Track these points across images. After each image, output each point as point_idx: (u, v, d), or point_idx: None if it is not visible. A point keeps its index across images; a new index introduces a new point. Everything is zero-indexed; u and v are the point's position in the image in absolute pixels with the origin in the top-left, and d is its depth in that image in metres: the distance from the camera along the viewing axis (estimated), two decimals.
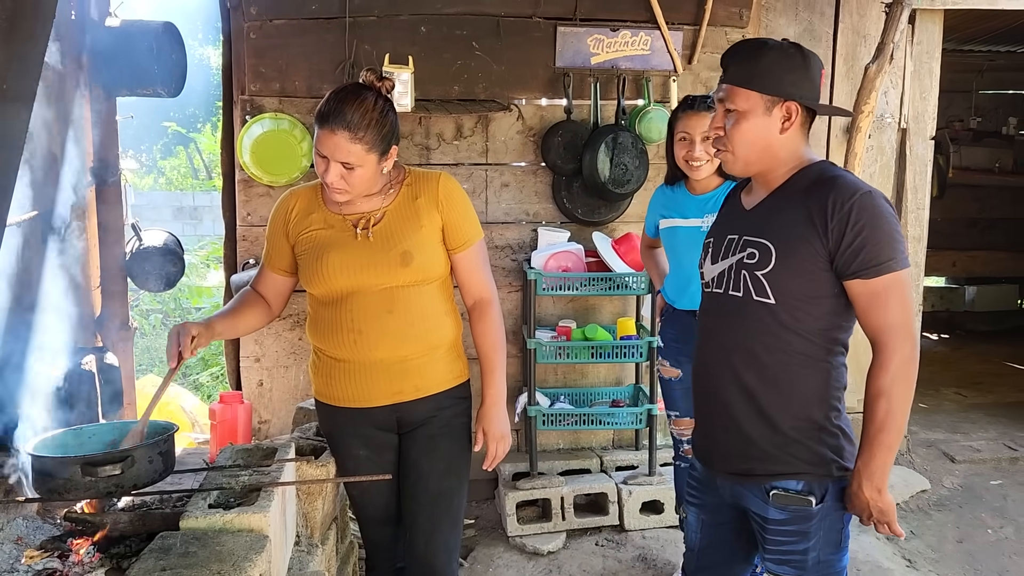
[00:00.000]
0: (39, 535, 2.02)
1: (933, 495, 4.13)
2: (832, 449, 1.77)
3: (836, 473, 1.77)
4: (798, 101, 1.74)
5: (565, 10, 3.80)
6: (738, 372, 1.81)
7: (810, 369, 1.76)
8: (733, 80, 1.77)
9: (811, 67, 1.76)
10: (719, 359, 1.86)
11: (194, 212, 11.51)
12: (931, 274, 7.73)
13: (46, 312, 2.60)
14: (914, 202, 4.41)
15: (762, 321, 1.76)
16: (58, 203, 2.82)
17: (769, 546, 1.82)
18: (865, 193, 1.68)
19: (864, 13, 4.18)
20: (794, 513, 1.77)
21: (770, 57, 1.74)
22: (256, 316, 2.21)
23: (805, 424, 1.77)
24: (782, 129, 1.76)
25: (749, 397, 1.79)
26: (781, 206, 1.78)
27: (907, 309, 1.68)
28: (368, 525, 2.32)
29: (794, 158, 1.79)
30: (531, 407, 3.66)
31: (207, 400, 5.73)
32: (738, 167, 1.82)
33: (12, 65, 1.91)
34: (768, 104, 1.74)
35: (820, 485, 1.77)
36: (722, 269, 1.85)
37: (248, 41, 3.61)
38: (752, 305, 1.77)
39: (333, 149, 1.95)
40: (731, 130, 1.77)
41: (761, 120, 1.75)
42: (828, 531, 1.78)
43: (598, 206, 3.94)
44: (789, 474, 1.77)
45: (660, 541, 3.57)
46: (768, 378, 1.77)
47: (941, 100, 4.53)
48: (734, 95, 1.76)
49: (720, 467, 1.90)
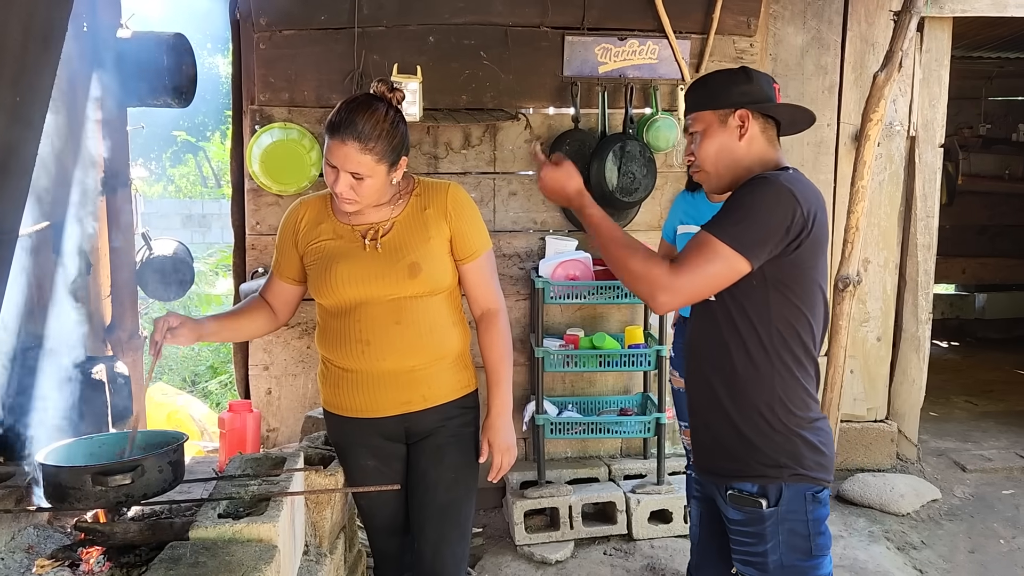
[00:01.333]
0: (50, 544, 2.03)
1: (944, 505, 4.11)
2: (787, 454, 1.80)
3: (789, 478, 1.80)
4: (747, 107, 1.84)
5: (573, 19, 3.81)
6: (704, 373, 1.90)
7: (764, 373, 1.80)
8: (689, 109, 1.93)
9: (756, 79, 1.88)
10: (692, 360, 1.97)
11: (203, 220, 11.55)
12: (941, 281, 7.70)
13: (57, 321, 2.61)
14: (923, 210, 4.40)
15: (712, 320, 1.85)
16: (69, 214, 2.84)
17: (734, 546, 1.89)
18: (760, 178, 1.77)
19: (872, 21, 4.18)
20: (748, 515, 1.82)
21: (716, 79, 1.92)
22: (258, 322, 2.21)
23: (759, 426, 1.81)
24: (740, 136, 1.85)
25: (712, 397, 1.88)
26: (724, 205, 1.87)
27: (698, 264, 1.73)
28: (376, 535, 2.32)
29: (761, 165, 1.86)
30: (539, 416, 3.66)
31: (216, 408, 5.75)
32: (712, 183, 1.92)
33: (24, 78, 1.92)
34: (721, 117, 1.86)
35: (773, 488, 1.80)
36: None
37: (258, 51, 3.63)
38: (706, 305, 1.86)
39: (343, 159, 1.95)
40: (697, 151, 1.90)
41: (719, 134, 1.86)
42: (789, 535, 1.80)
43: None
44: (745, 476, 1.83)
45: (669, 550, 3.56)
46: (728, 379, 1.84)
47: (950, 107, 4.53)
48: (694, 120, 1.91)
49: (698, 464, 2.00)
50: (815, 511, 1.82)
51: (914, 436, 4.54)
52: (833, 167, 4.22)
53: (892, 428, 4.47)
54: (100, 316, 3.45)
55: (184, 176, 13.42)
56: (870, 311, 4.40)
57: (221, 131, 12.34)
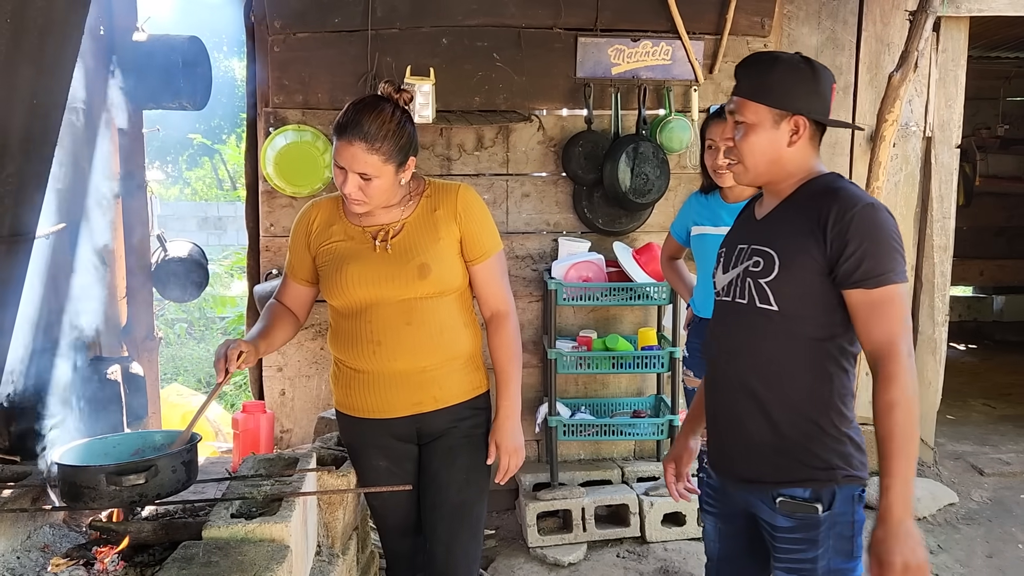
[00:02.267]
0: (65, 543, 2.05)
1: (961, 509, 4.07)
2: (839, 455, 1.77)
3: (842, 479, 1.76)
4: (806, 116, 1.76)
5: (586, 21, 3.81)
6: (745, 379, 1.82)
7: (814, 376, 1.76)
8: (743, 92, 1.79)
9: (821, 81, 1.77)
10: (727, 367, 1.88)
11: (218, 222, 11.63)
12: (958, 284, 7.64)
13: (73, 322, 2.64)
14: (940, 211, 4.37)
15: (766, 328, 1.78)
16: (86, 215, 2.87)
17: (779, 554, 1.82)
18: (867, 205, 1.69)
19: (888, 21, 4.15)
20: (801, 521, 1.77)
21: (780, 71, 1.76)
22: (287, 329, 2.22)
23: (811, 430, 1.77)
24: (790, 142, 1.77)
25: (756, 404, 1.81)
26: (786, 216, 1.80)
27: (905, 322, 1.67)
28: (388, 535, 2.32)
29: (803, 170, 1.81)
30: (552, 417, 3.65)
31: (230, 409, 5.78)
32: (747, 178, 1.84)
33: (42, 80, 1.95)
34: (776, 118, 1.76)
35: (827, 492, 1.76)
36: (731, 278, 1.88)
37: (272, 54, 3.65)
38: (756, 312, 1.79)
39: (350, 160, 1.96)
40: (739, 142, 1.80)
41: (769, 133, 1.77)
42: (838, 539, 1.77)
43: (619, 216, 3.93)
44: (795, 481, 1.77)
45: (682, 553, 3.54)
46: (773, 385, 1.79)
47: (967, 107, 4.49)
48: (743, 107, 1.78)
49: (730, 475, 1.91)
50: (859, 511, 1.79)
51: (931, 439, 4.50)
52: (848, 168, 4.19)
53: None
54: (116, 317, 3.48)
55: (200, 179, 13.52)
56: None
57: (237, 134, 12.41)
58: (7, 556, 1.90)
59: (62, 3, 1.93)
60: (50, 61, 1.96)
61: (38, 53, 1.89)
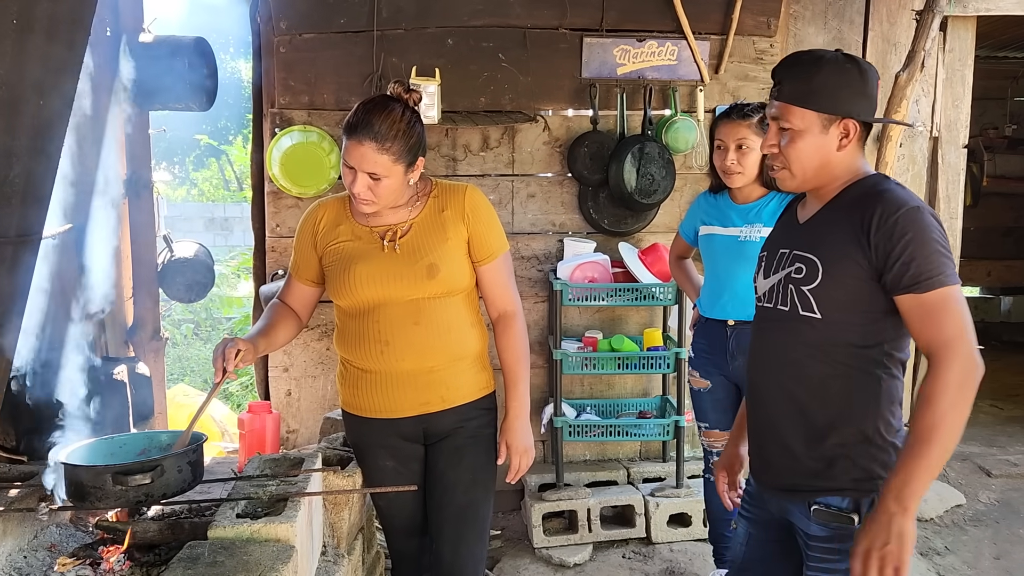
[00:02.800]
0: (71, 543, 2.05)
1: (969, 510, 4.05)
2: (882, 465, 1.71)
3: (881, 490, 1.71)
4: (856, 118, 1.70)
5: (591, 21, 3.81)
6: (786, 387, 1.78)
7: (859, 384, 1.71)
8: (787, 98, 1.72)
9: (868, 81, 1.71)
10: (768, 373, 1.84)
11: (225, 223, 11.65)
12: (965, 284, 7.47)
13: (79, 323, 2.64)
14: (947, 211, 4.35)
15: (809, 336, 1.73)
16: (92, 216, 2.88)
17: (812, 563, 1.78)
18: (911, 208, 1.63)
19: (894, 21, 4.14)
20: (836, 531, 1.72)
21: (826, 73, 1.69)
22: (289, 329, 2.22)
23: (854, 439, 1.72)
24: (840, 146, 1.71)
25: (797, 411, 1.77)
26: (829, 220, 1.75)
27: (961, 322, 1.61)
28: (394, 536, 2.33)
29: (849, 172, 1.76)
30: (557, 418, 3.65)
31: (236, 409, 5.78)
32: (794, 184, 1.78)
33: (48, 81, 1.95)
34: (825, 122, 1.70)
35: (866, 502, 1.71)
36: (772, 283, 1.83)
37: (278, 55, 3.66)
38: (799, 320, 1.74)
39: (360, 160, 1.96)
40: (786, 149, 1.73)
41: (818, 139, 1.70)
42: None
43: (624, 216, 3.93)
44: (834, 490, 1.73)
45: (688, 554, 3.53)
46: (816, 393, 1.74)
47: (975, 107, 4.47)
48: (789, 114, 1.71)
49: (769, 482, 1.87)
50: None
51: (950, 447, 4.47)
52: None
53: None
54: (122, 317, 3.49)
55: (207, 180, 13.55)
56: None
57: (243, 135, 12.44)
58: (14, 555, 1.91)
59: (68, 4, 1.94)
60: (56, 62, 1.96)
61: (44, 54, 1.89)
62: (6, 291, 2.04)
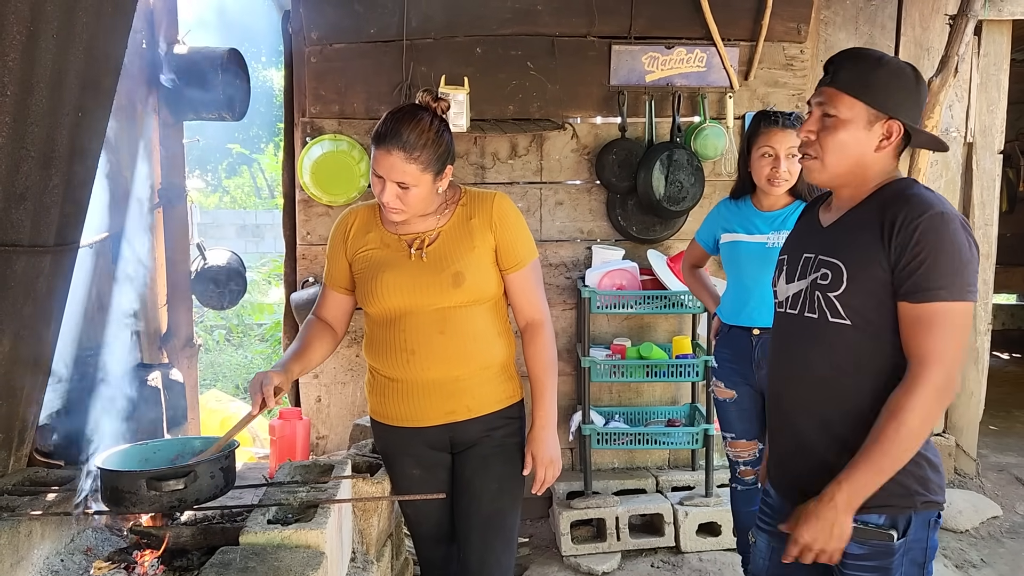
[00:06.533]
0: (107, 547, 2.09)
1: (1005, 522, 3.98)
2: (917, 480, 1.68)
3: (920, 506, 1.68)
4: (902, 121, 1.68)
5: (620, 29, 3.81)
6: (816, 397, 1.74)
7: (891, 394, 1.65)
8: (842, 85, 1.69)
9: (921, 90, 1.70)
10: (794, 383, 1.80)
11: (256, 230, 11.78)
12: (1001, 291, 7.47)
13: (115, 329, 2.69)
14: (982, 218, 4.29)
15: (839, 344, 1.69)
16: (128, 224, 2.93)
17: None
18: (936, 213, 1.59)
19: (927, 26, 4.09)
20: (874, 548, 1.68)
21: (886, 71, 1.68)
22: (324, 346, 2.20)
23: None
24: (878, 147, 1.69)
25: (828, 423, 1.72)
26: (855, 224, 1.72)
27: (948, 341, 1.57)
28: (422, 543, 2.33)
29: (880, 177, 1.73)
30: (585, 426, 3.64)
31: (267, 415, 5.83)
32: (824, 176, 1.75)
33: (87, 92, 1.99)
34: (872, 118, 1.68)
35: (903, 518, 1.68)
36: (798, 290, 1.79)
37: (309, 65, 3.70)
38: (829, 327, 1.70)
39: (389, 169, 1.97)
40: (824, 136, 1.71)
41: (860, 132, 1.69)
42: (910, 566, 1.69)
43: (653, 224, 3.92)
44: (871, 507, 1.67)
45: (717, 564, 3.51)
46: (849, 404, 1.70)
47: (1010, 112, 4.41)
48: (838, 101, 1.69)
49: (795, 495, 1.81)
50: (933, 537, 1.71)
51: (973, 450, 4.40)
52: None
53: (950, 442, 4.35)
54: (156, 324, 3.54)
55: (239, 187, 13.72)
56: None
57: (274, 143, 12.59)
58: (51, 559, 1.95)
59: (106, 17, 1.98)
60: (94, 74, 2.01)
61: (83, 66, 1.94)
62: (45, 298, 2.09)
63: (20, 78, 1.79)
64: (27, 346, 2.07)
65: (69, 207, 2.08)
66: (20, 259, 1.94)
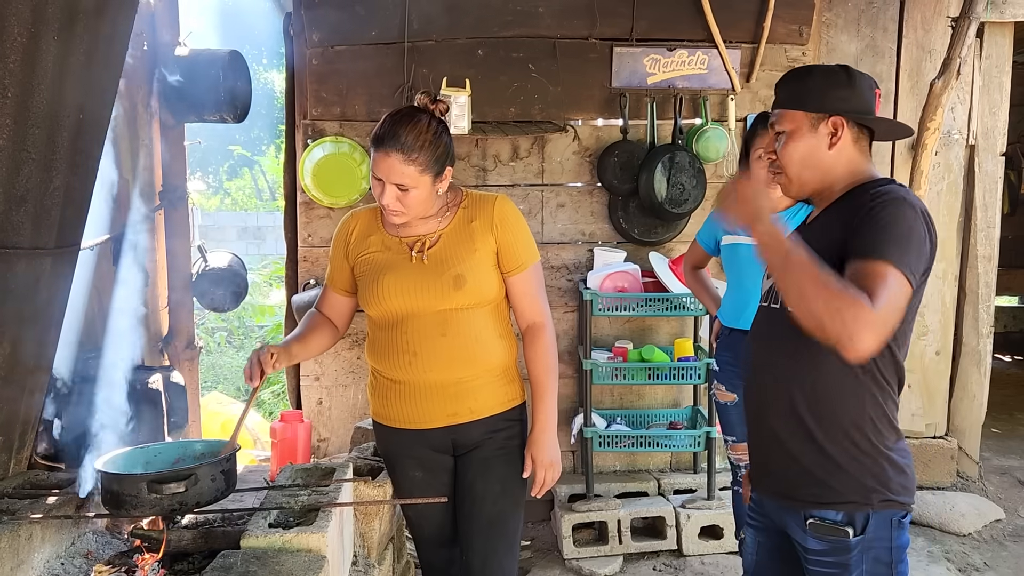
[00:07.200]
0: (108, 550, 2.08)
1: (1008, 525, 3.96)
2: (874, 478, 1.70)
3: (878, 504, 1.69)
4: (843, 115, 1.74)
5: (621, 31, 3.80)
6: (785, 391, 1.77)
7: (852, 390, 1.69)
8: (779, 104, 1.81)
9: (857, 84, 1.76)
10: (766, 377, 1.83)
11: (258, 232, 11.78)
12: (1003, 294, 7.45)
13: (116, 332, 2.68)
14: (984, 220, 4.28)
15: (802, 337, 1.67)
16: (129, 226, 2.92)
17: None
18: (896, 199, 1.61)
19: (929, 28, 4.09)
20: (832, 544, 1.71)
21: (815, 77, 1.78)
22: (324, 337, 2.24)
23: (847, 449, 1.70)
24: (830, 145, 1.75)
25: (796, 418, 1.75)
26: (825, 221, 1.76)
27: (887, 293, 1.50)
28: (424, 546, 2.33)
29: (849, 175, 1.76)
30: (587, 428, 3.64)
31: (269, 418, 5.83)
32: (793, 190, 1.82)
33: (88, 95, 1.99)
34: (813, 121, 1.75)
35: (860, 516, 1.69)
36: (772, 283, 1.83)
37: (310, 67, 3.70)
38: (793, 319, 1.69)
39: (388, 171, 1.97)
40: (781, 151, 1.79)
41: (808, 138, 1.76)
42: (873, 564, 1.70)
43: (655, 226, 3.91)
44: (829, 503, 1.71)
45: (719, 567, 3.50)
46: (813, 398, 1.73)
47: (1012, 114, 4.40)
48: (783, 117, 1.79)
49: (767, 490, 1.87)
50: (899, 537, 1.72)
51: (975, 453, 4.39)
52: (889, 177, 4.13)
53: (952, 445, 4.34)
54: (157, 326, 3.54)
55: (240, 189, 13.72)
56: (928, 324, 4.29)
57: (276, 145, 12.59)
58: (52, 562, 1.94)
59: (108, 19, 1.98)
60: (96, 76, 2.00)
61: (84, 69, 1.94)
62: (45, 300, 2.09)
63: (21, 80, 1.79)
64: (27, 348, 2.06)
65: (70, 209, 2.08)
66: (21, 261, 1.94)
